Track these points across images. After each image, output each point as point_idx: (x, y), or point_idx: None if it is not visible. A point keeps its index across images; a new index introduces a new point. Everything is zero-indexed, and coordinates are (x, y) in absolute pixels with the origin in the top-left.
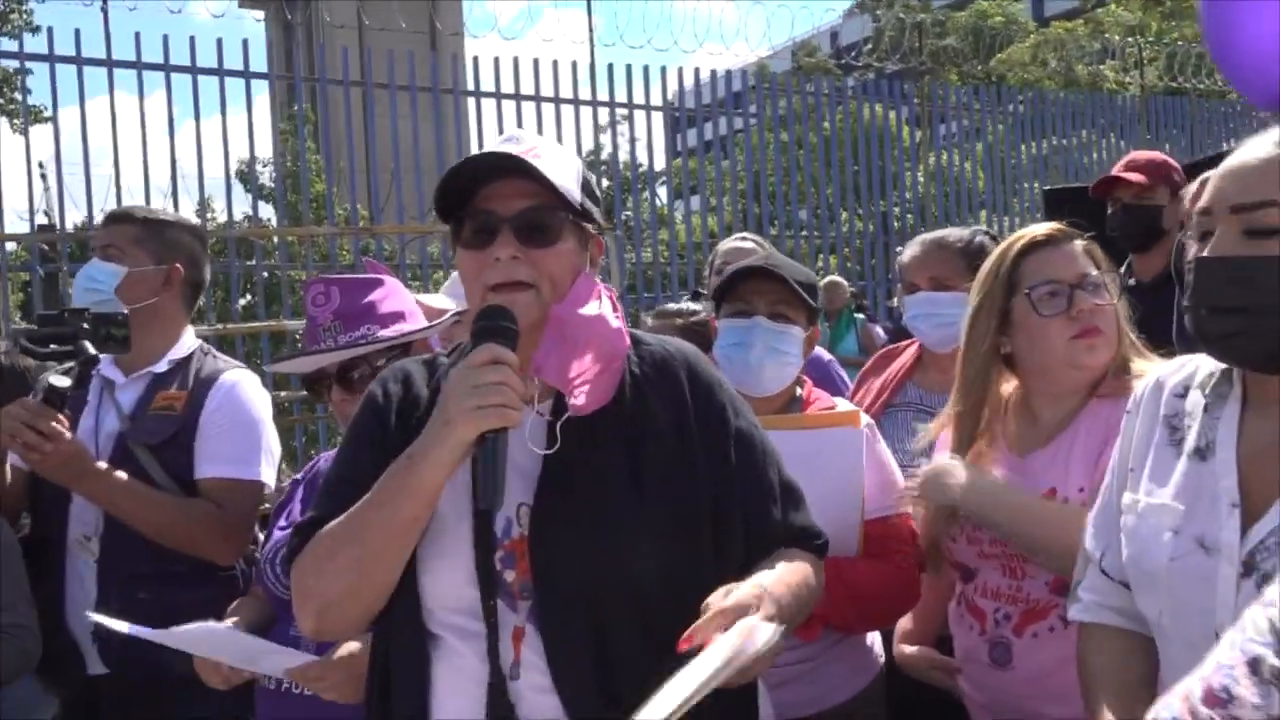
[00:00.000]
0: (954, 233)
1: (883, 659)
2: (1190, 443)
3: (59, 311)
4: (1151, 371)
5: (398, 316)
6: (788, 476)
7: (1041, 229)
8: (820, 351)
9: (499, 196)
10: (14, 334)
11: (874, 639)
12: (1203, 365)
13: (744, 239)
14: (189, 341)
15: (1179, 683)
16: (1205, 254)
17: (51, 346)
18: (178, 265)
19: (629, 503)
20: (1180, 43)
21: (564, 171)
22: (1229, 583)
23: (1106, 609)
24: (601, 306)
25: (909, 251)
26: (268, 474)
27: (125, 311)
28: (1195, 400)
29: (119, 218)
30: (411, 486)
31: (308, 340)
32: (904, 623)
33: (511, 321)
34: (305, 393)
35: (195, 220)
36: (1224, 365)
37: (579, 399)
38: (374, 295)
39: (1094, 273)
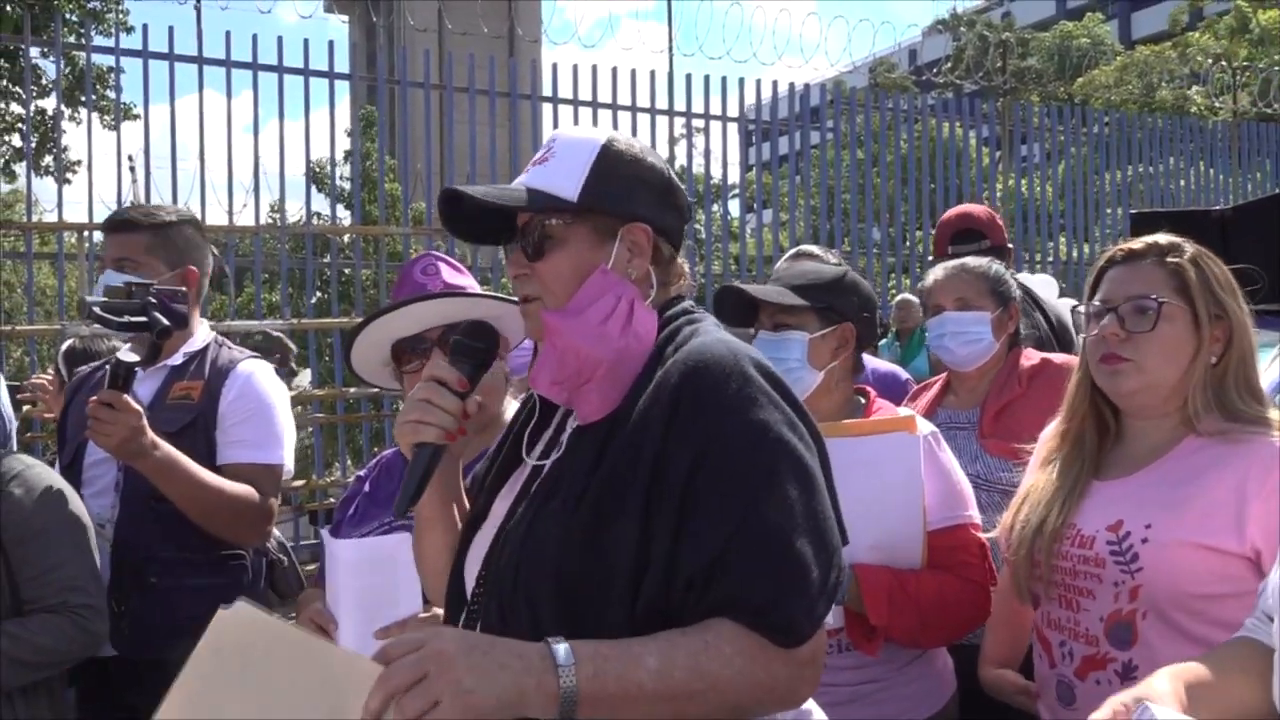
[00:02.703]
0: (972, 259)
1: (956, 683)
2: None
3: (124, 285)
4: None
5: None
6: (770, 530)
7: (1132, 243)
8: (897, 370)
9: (521, 214)
10: (87, 305)
11: (947, 662)
12: None
13: (798, 255)
14: (203, 335)
15: None
16: None
17: (126, 318)
18: (191, 267)
19: (560, 515)
20: (1276, 68)
21: (565, 169)
22: None
23: (1252, 631)
24: (593, 309)
25: (932, 276)
26: (287, 457)
27: (185, 289)
28: None
29: (122, 225)
30: None
31: None
32: (988, 645)
33: (482, 340)
34: (374, 390)
35: (189, 211)
36: None
37: (580, 409)
38: (469, 280)
39: (1150, 296)
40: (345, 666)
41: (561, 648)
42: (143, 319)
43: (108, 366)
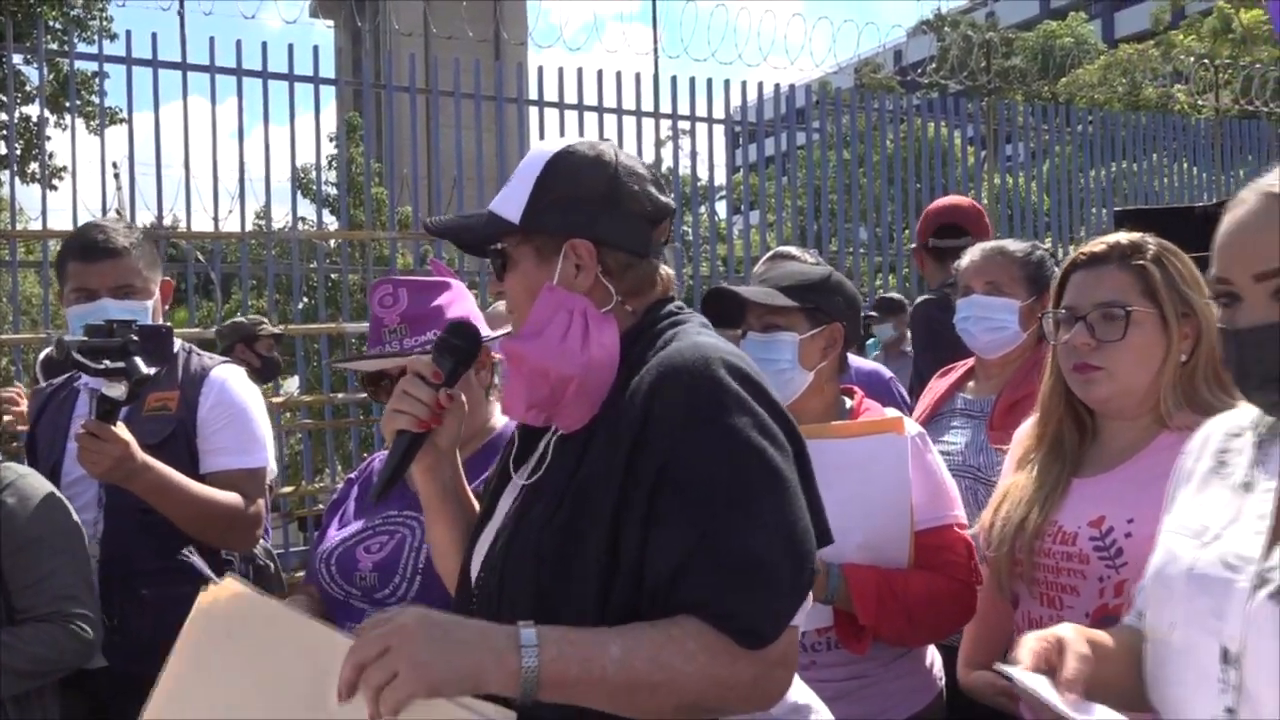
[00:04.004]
0: (1014, 243)
1: (943, 680)
2: (1238, 478)
3: (105, 323)
4: (1217, 419)
5: None
6: (730, 535)
7: (1093, 245)
8: (880, 369)
9: None
10: (66, 345)
11: (934, 659)
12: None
13: (777, 256)
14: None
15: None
16: (1240, 325)
17: (105, 363)
18: (167, 279)
19: (539, 521)
20: (1258, 65)
21: (516, 189)
22: (1241, 596)
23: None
24: (550, 329)
25: (968, 256)
26: (270, 459)
27: (169, 325)
28: (1247, 439)
29: (113, 252)
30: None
31: (371, 340)
32: (967, 645)
33: (463, 339)
34: (362, 395)
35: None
36: None
37: (561, 424)
38: (442, 299)
39: (1116, 302)
40: (323, 641)
41: (528, 630)
42: (121, 364)
43: (77, 386)
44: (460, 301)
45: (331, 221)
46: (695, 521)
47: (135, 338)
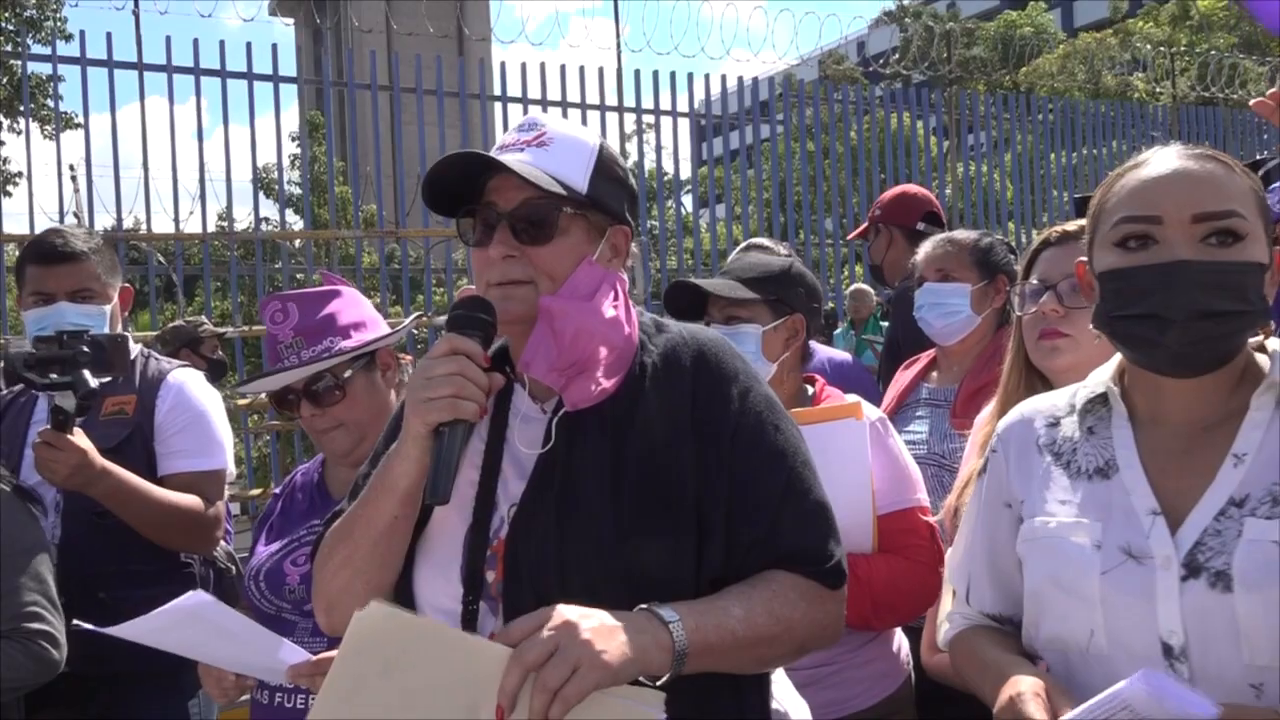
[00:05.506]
0: (962, 231)
1: (911, 664)
2: (1083, 465)
3: (56, 335)
4: (1013, 410)
5: (358, 326)
6: (805, 487)
7: (1066, 225)
8: (849, 357)
9: (501, 189)
10: (12, 358)
11: (901, 644)
12: (1061, 396)
13: (749, 247)
14: (129, 347)
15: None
16: (1177, 259)
17: (52, 377)
18: (127, 285)
19: (600, 503)
20: (1214, 52)
21: (570, 160)
22: (1170, 588)
23: (978, 621)
24: (598, 297)
25: (922, 249)
26: (229, 460)
27: (125, 334)
28: (1071, 426)
29: (72, 256)
30: (387, 484)
31: (269, 359)
32: (930, 630)
33: (486, 313)
34: None
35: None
36: (1097, 392)
37: (572, 395)
38: (332, 307)
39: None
40: (476, 653)
41: (663, 609)
42: (68, 378)
43: (35, 394)
44: (352, 306)
45: (295, 221)
46: (777, 477)
47: (86, 349)
